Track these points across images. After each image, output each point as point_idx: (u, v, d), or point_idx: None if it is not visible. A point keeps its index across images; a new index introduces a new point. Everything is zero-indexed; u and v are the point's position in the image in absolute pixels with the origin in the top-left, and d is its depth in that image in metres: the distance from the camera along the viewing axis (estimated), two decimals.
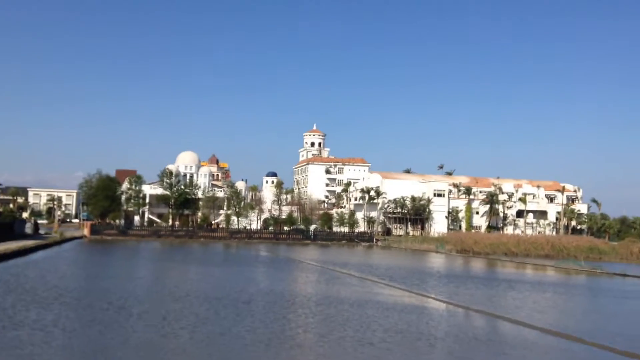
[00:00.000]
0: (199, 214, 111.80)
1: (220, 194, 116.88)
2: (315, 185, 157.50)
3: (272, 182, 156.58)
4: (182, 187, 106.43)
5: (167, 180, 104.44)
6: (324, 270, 53.30)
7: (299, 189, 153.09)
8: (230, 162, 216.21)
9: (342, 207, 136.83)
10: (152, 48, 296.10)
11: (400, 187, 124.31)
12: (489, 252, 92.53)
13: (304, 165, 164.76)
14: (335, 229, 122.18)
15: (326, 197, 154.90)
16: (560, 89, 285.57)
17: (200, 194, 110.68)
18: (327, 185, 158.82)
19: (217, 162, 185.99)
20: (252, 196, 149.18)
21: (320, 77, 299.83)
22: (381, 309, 30.64)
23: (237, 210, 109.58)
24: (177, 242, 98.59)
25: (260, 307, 29.31)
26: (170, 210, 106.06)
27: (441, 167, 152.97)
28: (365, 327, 25.11)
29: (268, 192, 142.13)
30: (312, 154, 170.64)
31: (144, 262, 56.64)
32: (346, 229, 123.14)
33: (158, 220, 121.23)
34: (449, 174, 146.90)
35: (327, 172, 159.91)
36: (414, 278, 47.90)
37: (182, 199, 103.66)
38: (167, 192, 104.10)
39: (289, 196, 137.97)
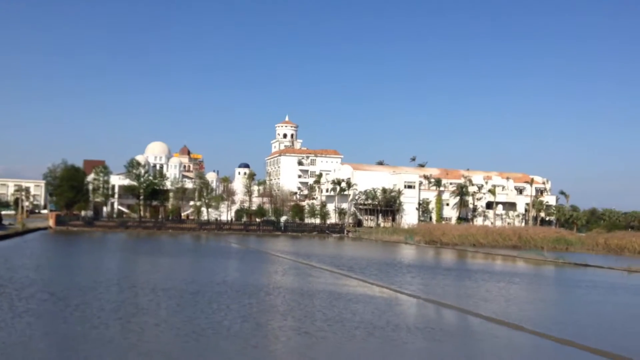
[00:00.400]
0: (169, 205, 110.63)
1: (189, 185, 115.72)
2: (287, 176, 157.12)
3: (245, 173, 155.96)
4: (150, 177, 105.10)
5: (134, 171, 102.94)
6: (285, 261, 53.08)
7: (270, 180, 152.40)
8: (204, 154, 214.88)
9: (314, 199, 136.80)
10: (125, 40, 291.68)
11: (371, 179, 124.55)
12: (457, 243, 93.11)
13: (276, 157, 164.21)
14: (307, 220, 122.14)
15: (299, 188, 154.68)
16: (530, 82, 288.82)
17: (169, 185, 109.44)
18: (299, 176, 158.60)
19: (189, 153, 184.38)
20: (224, 187, 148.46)
21: (293, 69, 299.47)
22: (330, 298, 30.49)
23: (206, 201, 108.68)
24: (144, 233, 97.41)
25: (206, 297, 28.95)
26: (138, 201, 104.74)
27: (413, 159, 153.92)
28: (308, 316, 24.94)
29: (240, 183, 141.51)
30: (285, 146, 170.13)
31: (103, 254, 55.76)
32: (318, 221, 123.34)
33: (127, 211, 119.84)
34: (422, 165, 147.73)
35: (300, 163, 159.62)
36: (373, 268, 47.92)
37: (149, 190, 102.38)
38: (134, 183, 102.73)
39: (261, 187, 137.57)
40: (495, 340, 22.23)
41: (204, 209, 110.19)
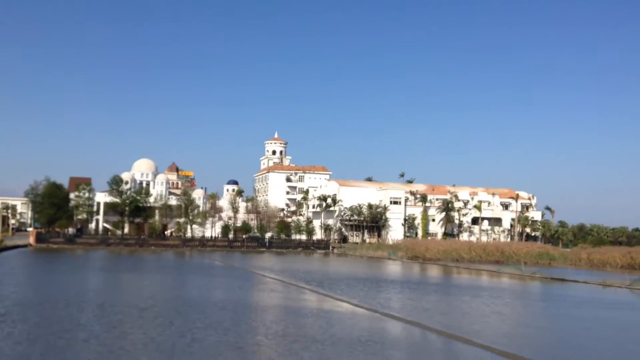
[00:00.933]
0: (156, 221, 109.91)
1: (173, 201, 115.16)
2: (275, 193, 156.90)
3: (233, 190, 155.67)
4: (134, 194, 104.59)
5: (117, 188, 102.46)
6: (256, 276, 52.55)
7: (255, 197, 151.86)
8: (195, 171, 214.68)
9: (301, 215, 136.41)
10: (110, 55, 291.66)
11: (357, 195, 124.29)
12: (440, 259, 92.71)
13: (264, 174, 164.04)
14: (294, 236, 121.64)
15: (287, 205, 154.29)
16: (519, 97, 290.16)
17: (152, 202, 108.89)
18: (287, 193, 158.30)
19: (177, 170, 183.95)
20: (211, 204, 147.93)
21: (283, 85, 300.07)
22: (282, 313, 30.07)
23: (190, 218, 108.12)
24: (126, 251, 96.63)
25: (153, 313, 28.46)
26: (121, 218, 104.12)
27: (402, 176, 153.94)
28: (250, 331, 24.51)
29: (227, 200, 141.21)
30: (274, 162, 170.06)
31: (72, 271, 55.06)
32: (304, 237, 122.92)
33: (112, 228, 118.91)
34: (410, 182, 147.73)
35: (288, 180, 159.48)
36: (343, 284, 47.39)
37: (132, 207, 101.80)
38: (117, 200, 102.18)
39: (249, 204, 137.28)
40: (434, 352, 21.82)
41: (194, 226, 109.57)
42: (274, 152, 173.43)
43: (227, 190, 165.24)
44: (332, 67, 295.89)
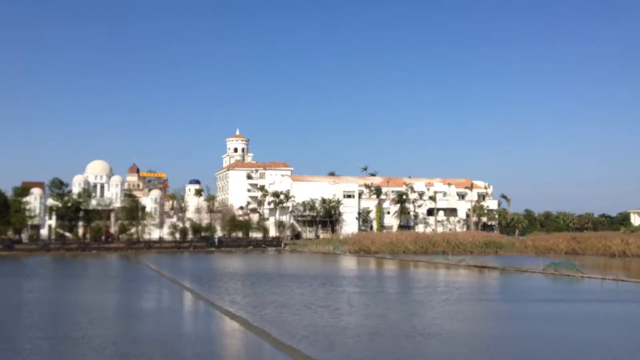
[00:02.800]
0: (98, 225, 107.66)
1: (116, 203, 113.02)
2: (236, 191, 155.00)
3: (195, 189, 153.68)
4: (75, 197, 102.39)
5: (58, 191, 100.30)
6: (150, 277, 50.92)
7: (214, 196, 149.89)
8: (167, 172, 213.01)
9: (259, 212, 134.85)
10: (66, 57, 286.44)
11: (311, 190, 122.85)
12: (385, 251, 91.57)
13: (225, 172, 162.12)
14: (252, 235, 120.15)
15: (248, 202, 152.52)
16: (482, 89, 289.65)
17: (94, 204, 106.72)
18: (249, 190, 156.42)
19: (138, 172, 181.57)
20: (172, 204, 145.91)
21: (245, 82, 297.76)
22: (107, 313, 28.61)
23: (136, 220, 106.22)
24: (68, 255, 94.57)
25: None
26: (62, 222, 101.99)
27: (365, 169, 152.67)
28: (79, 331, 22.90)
29: (189, 200, 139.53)
30: (235, 160, 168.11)
31: None
32: (261, 235, 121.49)
33: (69, 234, 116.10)
34: (373, 175, 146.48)
35: (249, 177, 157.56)
36: (235, 281, 45.85)
37: (72, 209, 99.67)
38: (57, 203, 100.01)
39: (209, 203, 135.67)
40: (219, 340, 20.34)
41: (135, 228, 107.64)
42: (235, 150, 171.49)
43: (189, 190, 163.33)
44: (293, 63, 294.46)
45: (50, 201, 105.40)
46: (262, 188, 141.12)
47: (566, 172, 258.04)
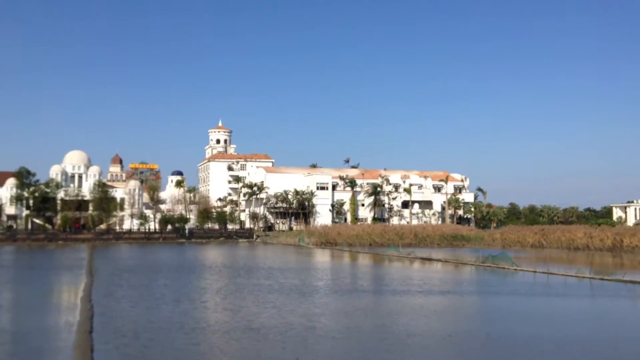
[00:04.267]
0: (66, 215, 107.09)
1: (85, 194, 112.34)
2: (217, 183, 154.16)
3: (176, 180, 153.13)
4: (42, 186, 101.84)
5: (23, 180, 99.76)
6: (68, 269, 50.37)
7: (194, 187, 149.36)
8: (159, 163, 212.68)
9: (236, 204, 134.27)
10: (56, 50, 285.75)
11: (285, 182, 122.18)
12: (351, 244, 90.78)
13: (206, 163, 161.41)
14: (230, 226, 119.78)
15: (229, 194, 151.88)
16: (470, 83, 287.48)
17: (62, 194, 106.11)
18: (229, 182, 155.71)
19: (121, 162, 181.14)
20: (151, 195, 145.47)
21: (227, 72, 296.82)
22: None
23: (105, 211, 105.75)
24: (35, 245, 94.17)
25: None
26: (28, 212, 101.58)
27: (347, 161, 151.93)
28: None
29: (169, 191, 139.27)
30: (218, 151, 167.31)
31: None
32: (238, 227, 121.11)
33: (49, 225, 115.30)
34: (355, 167, 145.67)
35: (230, 169, 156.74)
36: (139, 270, 45.27)
37: (39, 199, 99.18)
38: (24, 193, 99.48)
39: (190, 195, 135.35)
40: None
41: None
42: (217, 141, 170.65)
43: (171, 181, 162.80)
44: (277, 57, 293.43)
45: (17, 191, 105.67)
46: (236, 179, 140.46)
47: (556, 166, 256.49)
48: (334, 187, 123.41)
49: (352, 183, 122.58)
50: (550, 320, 24.67)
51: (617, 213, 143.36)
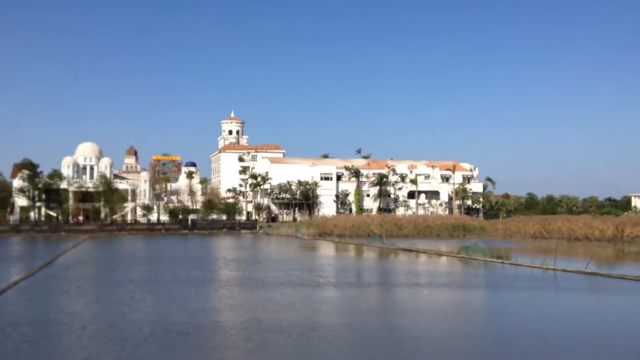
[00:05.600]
0: (70, 206, 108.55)
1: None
2: (228, 174, 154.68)
3: (189, 171, 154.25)
4: (47, 178, 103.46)
5: (28, 172, 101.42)
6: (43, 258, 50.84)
7: (206, 179, 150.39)
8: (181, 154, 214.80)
9: (244, 195, 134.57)
10: (69, 41, 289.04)
11: (289, 172, 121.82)
12: (349, 235, 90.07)
13: (217, 154, 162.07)
14: (237, 217, 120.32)
15: (240, 185, 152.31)
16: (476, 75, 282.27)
17: (65, 185, 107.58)
18: (240, 173, 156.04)
19: (136, 154, 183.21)
20: (159, 187, 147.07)
21: (240, 63, 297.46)
22: None
23: (108, 202, 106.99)
24: (39, 237, 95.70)
25: None
26: (33, 203, 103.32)
27: (359, 152, 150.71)
28: None
29: (183, 182, 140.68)
30: (230, 142, 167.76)
31: None
32: (244, 218, 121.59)
33: (61, 217, 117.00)
34: (366, 157, 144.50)
35: (241, 160, 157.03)
36: (128, 263, 45.38)
37: (43, 191, 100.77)
38: (27, 184, 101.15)
39: (204, 186, 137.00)
40: None
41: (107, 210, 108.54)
42: (230, 132, 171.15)
43: (184, 172, 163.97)
44: (290, 46, 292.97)
45: (20, 182, 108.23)
46: (243, 170, 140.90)
47: (578, 156, 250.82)
48: (339, 178, 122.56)
49: (356, 173, 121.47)
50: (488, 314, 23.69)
51: (635, 202, 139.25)
